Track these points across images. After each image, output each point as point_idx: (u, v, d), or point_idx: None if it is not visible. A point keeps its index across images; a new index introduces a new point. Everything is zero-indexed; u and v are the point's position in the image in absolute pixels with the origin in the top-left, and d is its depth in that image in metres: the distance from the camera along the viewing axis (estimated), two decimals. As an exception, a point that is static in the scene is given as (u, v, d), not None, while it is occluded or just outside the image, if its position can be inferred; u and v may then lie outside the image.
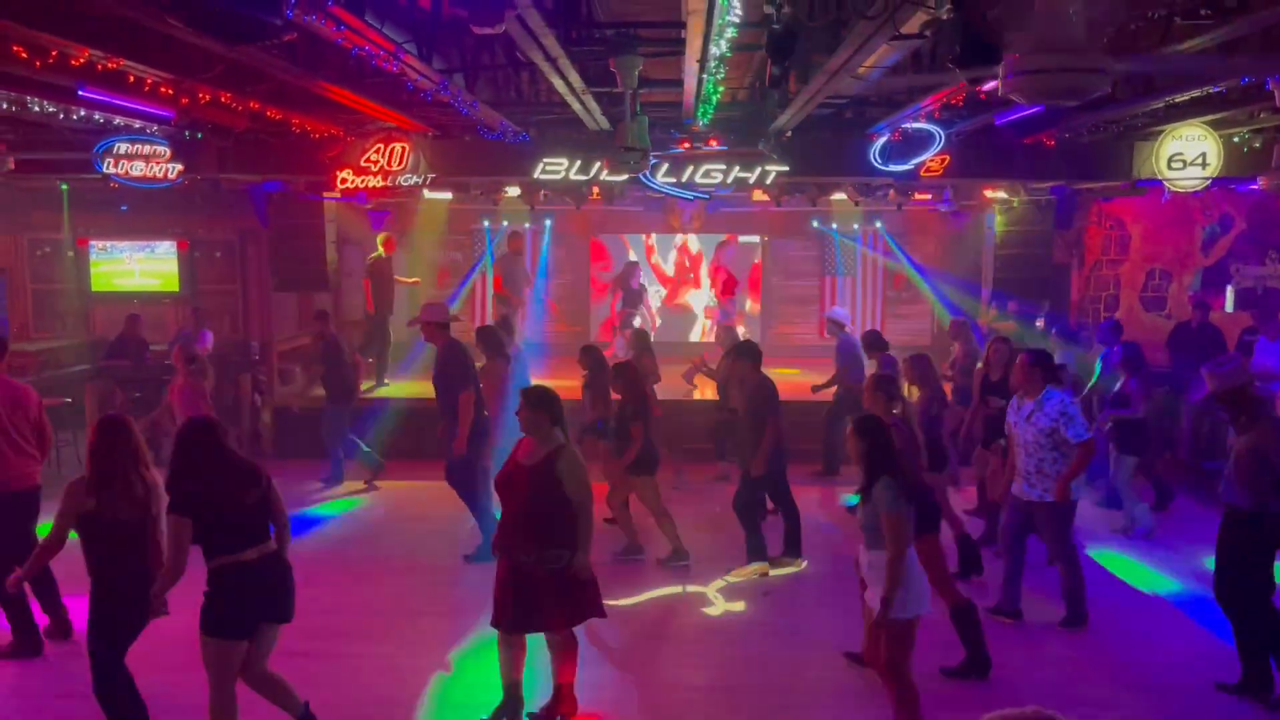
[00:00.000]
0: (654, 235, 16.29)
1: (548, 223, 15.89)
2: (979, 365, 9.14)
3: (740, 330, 13.03)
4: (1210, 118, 9.85)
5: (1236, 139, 10.43)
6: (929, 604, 4.98)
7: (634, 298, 14.83)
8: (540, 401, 5.28)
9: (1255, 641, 5.78)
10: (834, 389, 10.91)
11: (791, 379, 11.89)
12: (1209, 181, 10.39)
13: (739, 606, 7.25)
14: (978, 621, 6.02)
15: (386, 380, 13.02)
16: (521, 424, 5.33)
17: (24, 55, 6.60)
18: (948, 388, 9.61)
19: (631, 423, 8.00)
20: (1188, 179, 10.36)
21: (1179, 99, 8.69)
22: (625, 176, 10.81)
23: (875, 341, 10.34)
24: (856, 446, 5.02)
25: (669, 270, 16.43)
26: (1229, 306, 13.13)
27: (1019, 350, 7.82)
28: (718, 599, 7.39)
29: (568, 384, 9.65)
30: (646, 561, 8.19)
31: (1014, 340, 9.41)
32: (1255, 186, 10.75)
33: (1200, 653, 6.46)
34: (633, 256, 16.05)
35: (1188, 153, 10.23)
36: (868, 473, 4.95)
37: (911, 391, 8.47)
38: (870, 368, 9.73)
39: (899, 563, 4.76)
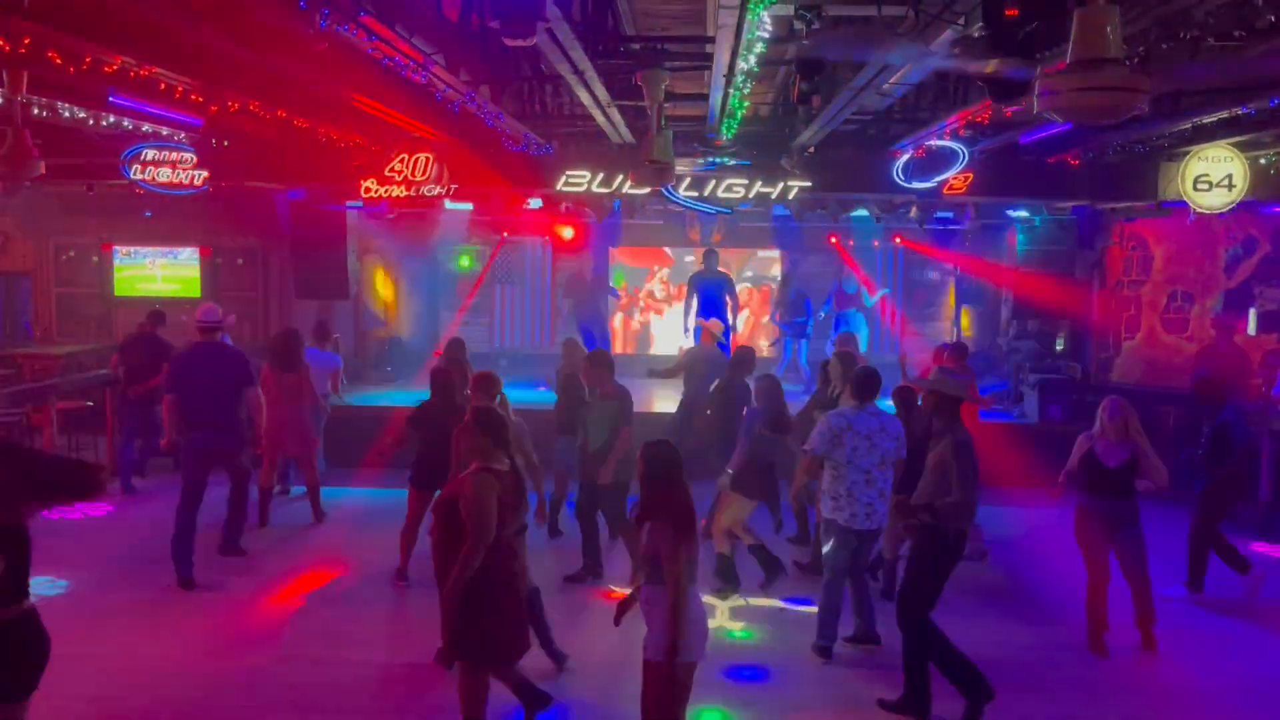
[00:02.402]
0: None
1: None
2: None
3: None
4: (1237, 139, 9.80)
5: (1263, 160, 10.38)
6: (703, 651, 4.61)
7: None
8: (487, 424, 5.02)
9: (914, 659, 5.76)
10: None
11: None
12: (1235, 203, 10.33)
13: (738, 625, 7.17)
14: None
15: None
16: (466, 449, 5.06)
17: (58, 61, 6.68)
18: None
19: None
20: (1213, 200, 10.30)
21: (1206, 120, 8.65)
22: (648, 190, 10.83)
23: (741, 361, 9.10)
24: (641, 468, 4.66)
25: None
26: (1251, 329, 13.03)
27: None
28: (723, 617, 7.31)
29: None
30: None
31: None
32: (1281, 209, 10.70)
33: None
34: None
35: (1214, 174, 10.18)
36: (649, 499, 4.59)
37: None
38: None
39: (680, 603, 4.40)
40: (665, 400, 11.74)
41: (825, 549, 6.59)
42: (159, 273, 14.37)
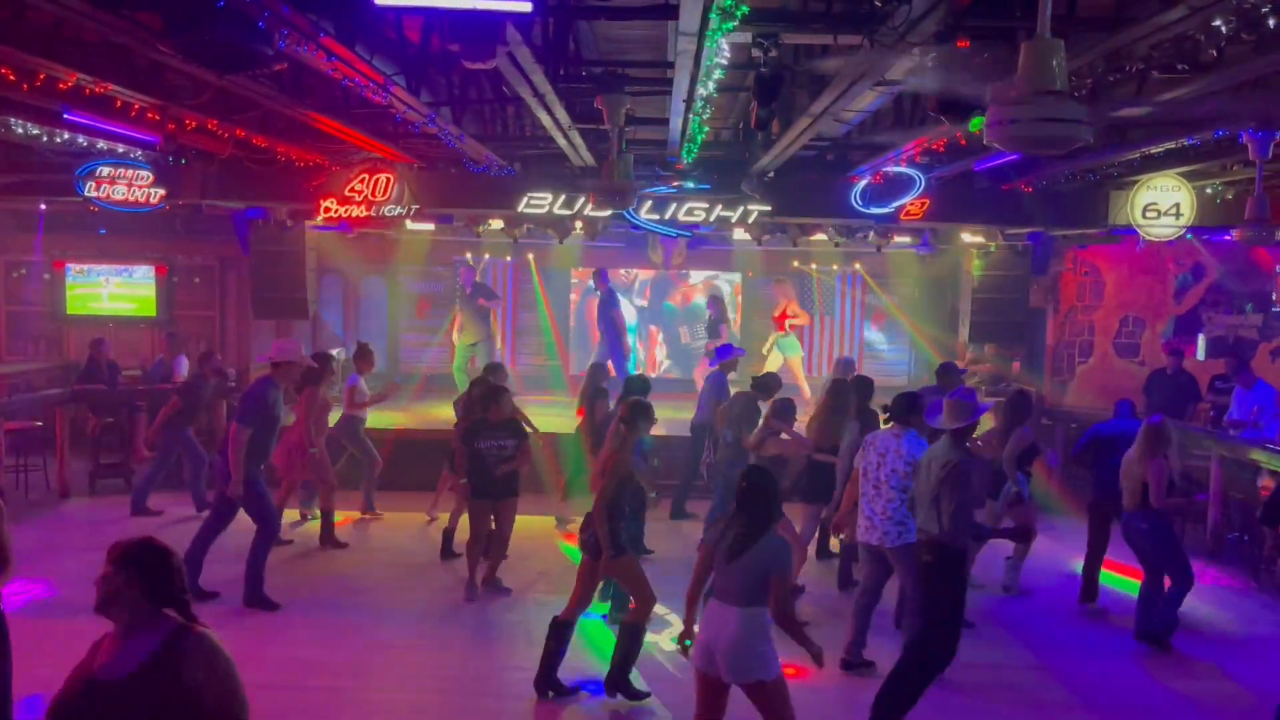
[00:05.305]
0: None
1: (530, 256, 15.87)
2: None
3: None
4: (1184, 169, 10.05)
5: (1210, 190, 10.65)
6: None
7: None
8: (142, 561, 2.94)
9: None
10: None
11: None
12: (1182, 231, 10.58)
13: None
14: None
15: None
16: (103, 593, 2.91)
17: (12, 78, 6.61)
18: None
19: None
20: (1161, 228, 10.55)
21: (1154, 150, 8.88)
22: (609, 212, 10.87)
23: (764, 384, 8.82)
24: (742, 491, 4.71)
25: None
26: (1200, 354, 13.34)
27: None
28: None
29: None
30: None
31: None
32: (1228, 238, 10.96)
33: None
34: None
35: (1162, 203, 10.43)
36: (755, 522, 4.58)
37: None
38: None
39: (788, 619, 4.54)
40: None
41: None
42: (113, 291, 14.17)
